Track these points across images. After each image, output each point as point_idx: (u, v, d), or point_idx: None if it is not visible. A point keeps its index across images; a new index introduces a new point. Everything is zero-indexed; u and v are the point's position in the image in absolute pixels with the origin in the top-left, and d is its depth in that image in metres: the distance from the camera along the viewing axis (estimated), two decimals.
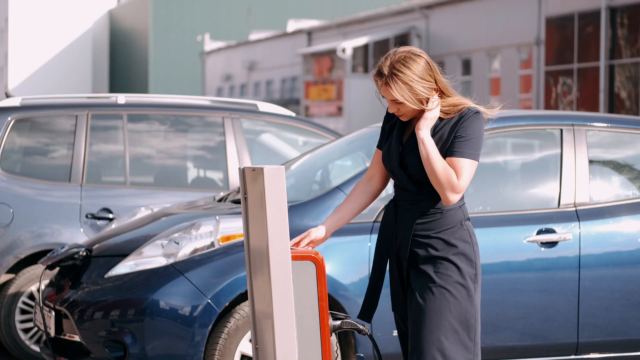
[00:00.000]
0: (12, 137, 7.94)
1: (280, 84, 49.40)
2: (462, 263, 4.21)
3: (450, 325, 4.18)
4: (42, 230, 7.69)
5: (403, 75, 4.12)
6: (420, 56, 4.16)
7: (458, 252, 4.21)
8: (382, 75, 4.16)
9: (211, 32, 66.76)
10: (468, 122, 4.17)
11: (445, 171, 4.10)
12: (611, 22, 27.81)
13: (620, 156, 6.78)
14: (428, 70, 4.16)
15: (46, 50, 79.35)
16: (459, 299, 4.19)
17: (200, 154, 8.44)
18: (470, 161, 4.14)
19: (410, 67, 4.13)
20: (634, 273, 6.32)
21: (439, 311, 4.18)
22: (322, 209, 6.10)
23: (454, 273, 4.20)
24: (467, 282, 4.21)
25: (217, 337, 5.89)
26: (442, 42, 35.87)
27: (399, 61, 4.14)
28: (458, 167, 4.12)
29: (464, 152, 4.14)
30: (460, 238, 4.23)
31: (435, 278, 4.20)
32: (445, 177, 4.10)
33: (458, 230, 4.23)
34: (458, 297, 4.19)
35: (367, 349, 5.98)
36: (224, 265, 5.94)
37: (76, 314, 6.14)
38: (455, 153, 4.14)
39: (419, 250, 4.24)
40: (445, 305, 4.18)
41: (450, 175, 4.10)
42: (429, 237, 4.22)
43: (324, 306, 4.07)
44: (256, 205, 4.05)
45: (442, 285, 4.19)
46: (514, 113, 6.79)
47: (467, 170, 4.12)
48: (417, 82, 4.13)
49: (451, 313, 4.18)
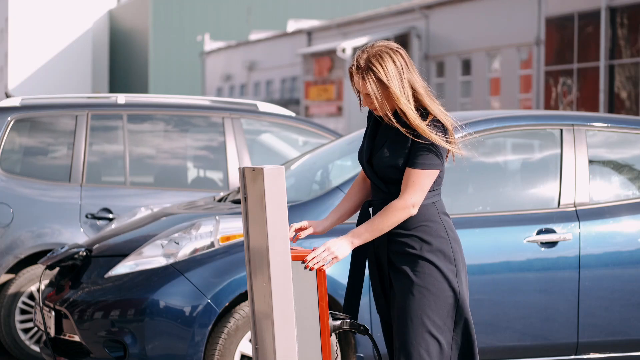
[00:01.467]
0: (12, 137, 7.94)
1: (280, 84, 49.39)
2: (440, 260, 4.21)
3: (434, 324, 4.18)
4: (42, 230, 7.69)
5: (375, 69, 4.14)
6: (399, 54, 4.17)
7: (434, 249, 4.21)
8: (357, 66, 4.17)
9: (211, 32, 66.75)
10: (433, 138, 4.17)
11: (394, 219, 4.15)
12: (611, 22, 27.81)
13: (620, 156, 6.78)
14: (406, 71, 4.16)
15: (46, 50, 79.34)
16: (439, 296, 4.19)
17: (200, 154, 8.44)
18: (427, 172, 4.15)
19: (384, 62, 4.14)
20: (634, 273, 6.32)
21: (421, 310, 4.17)
22: (322, 209, 6.10)
23: (432, 271, 4.19)
24: (447, 279, 4.20)
25: (217, 337, 5.89)
26: (442, 42, 35.87)
27: (376, 56, 4.15)
28: (412, 180, 4.14)
29: (422, 165, 4.14)
30: (435, 234, 4.22)
31: (414, 278, 4.19)
32: (395, 218, 4.15)
33: (433, 226, 4.23)
34: (438, 295, 4.18)
35: (367, 349, 5.98)
36: (224, 265, 5.94)
37: (76, 314, 6.14)
38: (414, 165, 4.15)
39: (396, 248, 4.24)
40: (425, 304, 4.17)
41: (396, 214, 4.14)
42: (403, 235, 4.22)
43: (324, 306, 4.07)
44: (256, 205, 4.05)
45: (420, 284, 4.18)
46: (514, 113, 6.79)
47: (419, 183, 4.14)
48: (388, 79, 4.13)
49: (433, 311, 4.17)
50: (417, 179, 4.15)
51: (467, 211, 6.20)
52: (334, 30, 42.93)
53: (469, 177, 6.43)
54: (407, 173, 4.16)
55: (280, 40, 49.45)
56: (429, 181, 4.17)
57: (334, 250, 4.12)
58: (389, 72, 4.12)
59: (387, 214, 4.16)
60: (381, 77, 4.13)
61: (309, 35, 45.48)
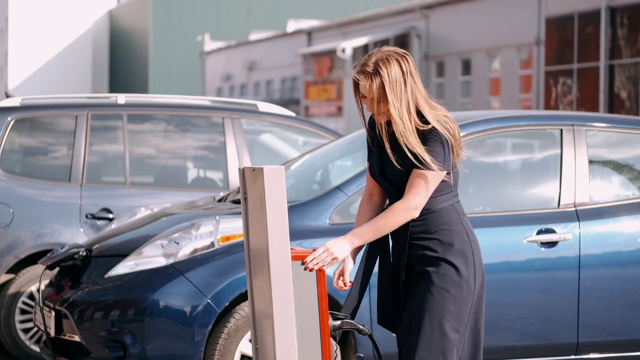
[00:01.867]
0: (12, 137, 7.94)
1: (280, 84, 49.39)
2: (460, 262, 4.22)
3: (451, 326, 4.19)
4: (42, 230, 7.69)
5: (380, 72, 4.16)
6: (405, 59, 4.19)
7: (455, 251, 4.22)
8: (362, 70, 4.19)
9: (211, 32, 66.75)
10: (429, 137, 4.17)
11: (395, 221, 4.15)
12: (611, 22, 27.81)
13: (620, 156, 6.78)
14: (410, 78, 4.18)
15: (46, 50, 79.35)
16: (458, 299, 4.20)
17: (200, 154, 8.44)
18: (428, 172, 4.14)
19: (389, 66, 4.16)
20: (634, 273, 6.32)
21: (440, 312, 4.18)
22: (322, 209, 6.10)
23: (452, 273, 4.20)
24: (466, 281, 4.21)
25: (217, 337, 5.89)
26: (442, 42, 35.86)
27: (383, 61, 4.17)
28: (414, 180, 4.14)
29: (427, 165, 4.14)
30: (457, 237, 4.23)
31: (435, 279, 4.20)
32: (394, 220, 4.15)
33: (454, 229, 4.24)
34: (457, 297, 4.20)
35: (367, 349, 5.98)
36: (224, 265, 5.94)
37: (76, 314, 6.14)
38: (416, 165, 4.15)
39: (417, 251, 4.25)
40: (445, 306, 4.18)
41: (394, 215, 4.14)
42: (425, 238, 4.23)
43: (324, 306, 4.07)
44: (256, 205, 4.05)
45: (440, 286, 4.19)
46: (514, 113, 6.79)
47: (422, 184, 4.14)
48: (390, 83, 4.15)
49: (451, 313, 4.18)
50: (420, 181, 4.15)
51: (467, 211, 6.18)
52: (334, 30, 42.93)
53: (469, 177, 6.43)
54: (411, 174, 4.17)
55: (280, 40, 49.45)
56: (434, 183, 4.16)
57: (334, 251, 4.12)
58: (392, 77, 4.13)
59: (389, 215, 4.16)
60: (385, 82, 4.13)
61: (309, 35, 45.48)
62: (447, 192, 4.24)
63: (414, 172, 4.16)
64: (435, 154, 4.14)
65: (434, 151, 4.14)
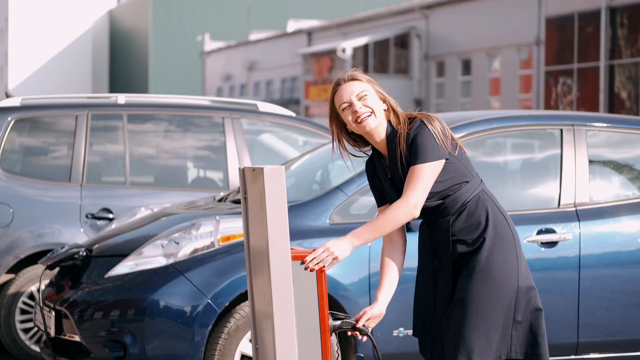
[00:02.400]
0: (12, 137, 7.94)
1: (280, 84, 49.39)
2: (503, 249, 4.22)
3: (495, 314, 4.18)
4: (42, 230, 7.69)
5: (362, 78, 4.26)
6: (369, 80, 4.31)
7: (497, 239, 4.22)
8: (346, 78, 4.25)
9: (211, 32, 66.75)
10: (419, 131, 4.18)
11: (388, 221, 4.15)
12: (611, 22, 27.81)
13: (620, 156, 6.78)
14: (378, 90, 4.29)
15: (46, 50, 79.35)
16: (502, 290, 4.19)
17: (200, 154, 8.44)
18: (425, 165, 4.15)
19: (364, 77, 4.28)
20: (634, 273, 6.32)
21: (483, 302, 4.18)
22: (322, 209, 6.10)
23: (498, 262, 4.19)
24: (510, 270, 4.21)
25: (217, 337, 5.88)
26: (442, 42, 35.86)
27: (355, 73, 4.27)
28: (412, 176, 4.15)
29: (417, 158, 4.16)
30: (498, 224, 4.23)
31: (477, 268, 4.19)
32: (394, 219, 4.15)
33: (494, 217, 4.24)
34: (501, 287, 4.19)
35: (367, 349, 5.97)
36: (224, 265, 5.94)
37: (76, 314, 6.14)
38: (412, 161, 4.17)
39: (459, 247, 4.24)
40: (488, 296, 4.18)
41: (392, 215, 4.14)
42: (466, 232, 4.23)
43: (324, 306, 4.07)
44: (256, 205, 4.05)
45: (484, 275, 4.18)
46: (514, 113, 6.79)
47: (420, 178, 4.14)
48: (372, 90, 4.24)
49: (498, 301, 4.18)
50: (414, 176, 4.15)
51: None
52: (334, 30, 42.94)
53: None
54: (409, 171, 4.17)
55: (280, 40, 49.45)
56: (432, 175, 4.15)
57: (334, 251, 4.11)
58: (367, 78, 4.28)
59: (389, 213, 4.15)
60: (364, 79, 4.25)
61: (309, 35, 45.49)
62: (463, 182, 4.23)
63: (411, 169, 4.16)
64: (423, 147, 4.15)
65: (421, 144, 4.15)
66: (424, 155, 4.14)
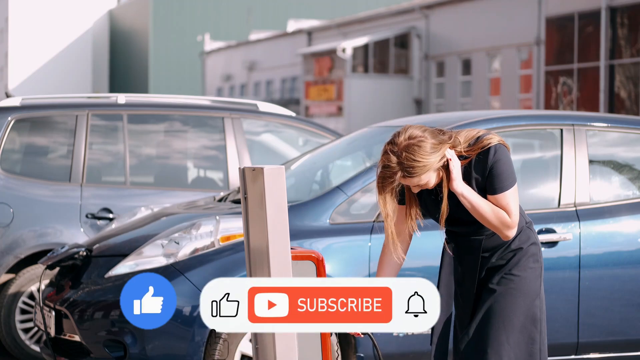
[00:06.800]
0: (12, 137, 7.94)
1: (280, 84, 49.38)
2: (529, 261, 4.26)
3: (520, 322, 4.23)
4: (42, 230, 7.69)
5: (417, 165, 4.07)
6: (422, 139, 4.09)
7: (523, 253, 4.26)
8: (395, 172, 4.10)
9: (211, 32, 66.73)
10: (497, 158, 4.15)
11: (494, 214, 4.14)
12: (611, 22, 27.81)
13: (620, 156, 6.78)
14: (434, 145, 4.10)
15: (46, 50, 79.32)
16: (527, 297, 4.23)
17: (200, 154, 8.44)
18: (512, 189, 4.15)
19: (417, 154, 4.07)
20: (634, 273, 6.32)
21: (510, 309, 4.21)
22: (322, 209, 6.10)
23: (522, 272, 4.24)
24: (534, 279, 4.26)
25: (217, 337, 5.88)
26: (442, 42, 35.86)
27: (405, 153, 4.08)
28: (503, 203, 4.14)
29: (504, 186, 4.14)
30: (525, 239, 4.27)
31: (505, 278, 4.24)
32: (497, 219, 4.14)
33: (524, 234, 4.28)
34: (526, 295, 4.23)
35: (367, 349, 5.97)
36: (224, 265, 5.94)
37: (76, 314, 6.14)
38: (496, 190, 4.15)
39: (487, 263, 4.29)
40: (514, 304, 4.22)
41: (500, 215, 4.14)
42: (496, 249, 4.28)
43: None
44: (256, 205, 4.05)
45: (510, 286, 4.23)
46: (514, 113, 6.79)
47: (512, 202, 4.14)
48: (430, 163, 4.08)
49: (523, 313, 4.23)
50: (508, 199, 4.15)
51: None
52: (334, 30, 42.92)
53: None
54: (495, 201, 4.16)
55: (280, 40, 49.44)
56: (516, 196, 4.18)
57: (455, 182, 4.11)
58: (425, 156, 4.09)
59: (492, 209, 4.13)
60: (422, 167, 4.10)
61: (309, 35, 45.47)
62: None
63: (494, 198, 4.14)
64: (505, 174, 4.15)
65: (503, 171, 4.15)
66: (511, 178, 4.15)
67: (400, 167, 4.07)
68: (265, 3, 70.35)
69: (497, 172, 4.14)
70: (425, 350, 6.01)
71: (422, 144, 4.07)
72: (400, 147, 4.07)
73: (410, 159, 4.05)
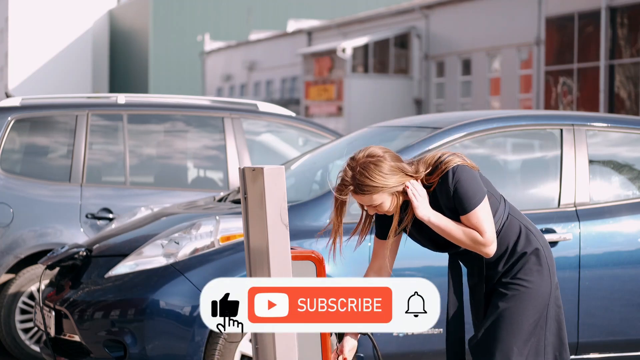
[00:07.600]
0: (12, 137, 7.94)
1: (280, 84, 49.38)
2: (534, 265, 4.26)
3: (530, 325, 4.24)
4: (42, 230, 7.69)
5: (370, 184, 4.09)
6: (380, 159, 4.10)
7: (527, 258, 4.27)
8: (347, 186, 4.13)
9: (211, 32, 66.73)
10: (457, 180, 4.14)
11: (465, 235, 4.14)
12: (611, 22, 27.81)
13: (620, 156, 6.78)
14: (392, 168, 4.10)
15: (46, 50, 79.31)
16: (535, 300, 4.25)
17: (200, 153, 8.44)
18: (479, 207, 4.14)
19: (373, 172, 4.09)
20: (634, 273, 6.32)
21: (517, 314, 4.23)
22: (322, 209, 6.10)
23: (529, 276, 4.25)
24: (542, 282, 4.26)
25: (217, 337, 5.88)
26: (442, 42, 35.86)
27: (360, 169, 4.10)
28: (474, 222, 4.13)
29: (469, 205, 4.13)
30: (526, 244, 4.28)
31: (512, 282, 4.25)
32: (469, 239, 4.14)
33: (523, 239, 4.28)
34: (535, 298, 4.24)
35: (367, 349, 5.97)
36: (224, 265, 5.94)
37: (76, 314, 6.14)
38: (464, 211, 4.14)
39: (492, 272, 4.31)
40: (523, 307, 4.24)
41: (472, 235, 4.13)
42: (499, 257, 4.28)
43: None
44: (256, 205, 4.05)
45: (519, 290, 4.24)
46: (514, 113, 6.79)
47: (483, 220, 4.13)
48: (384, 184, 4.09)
49: (531, 313, 4.24)
50: (477, 217, 4.14)
51: None
52: (334, 30, 42.92)
53: None
54: (466, 221, 4.15)
55: (280, 40, 49.43)
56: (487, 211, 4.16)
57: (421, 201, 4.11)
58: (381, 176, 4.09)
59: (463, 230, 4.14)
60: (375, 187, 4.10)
61: (309, 35, 45.47)
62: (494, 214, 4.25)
63: (466, 218, 4.14)
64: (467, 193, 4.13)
65: (465, 191, 4.13)
66: (478, 195, 4.13)
67: (353, 182, 4.10)
68: (265, 3, 70.34)
69: (460, 194, 4.13)
70: (425, 350, 6.02)
71: (380, 163, 4.09)
72: (358, 163, 4.11)
73: (364, 176, 4.08)
